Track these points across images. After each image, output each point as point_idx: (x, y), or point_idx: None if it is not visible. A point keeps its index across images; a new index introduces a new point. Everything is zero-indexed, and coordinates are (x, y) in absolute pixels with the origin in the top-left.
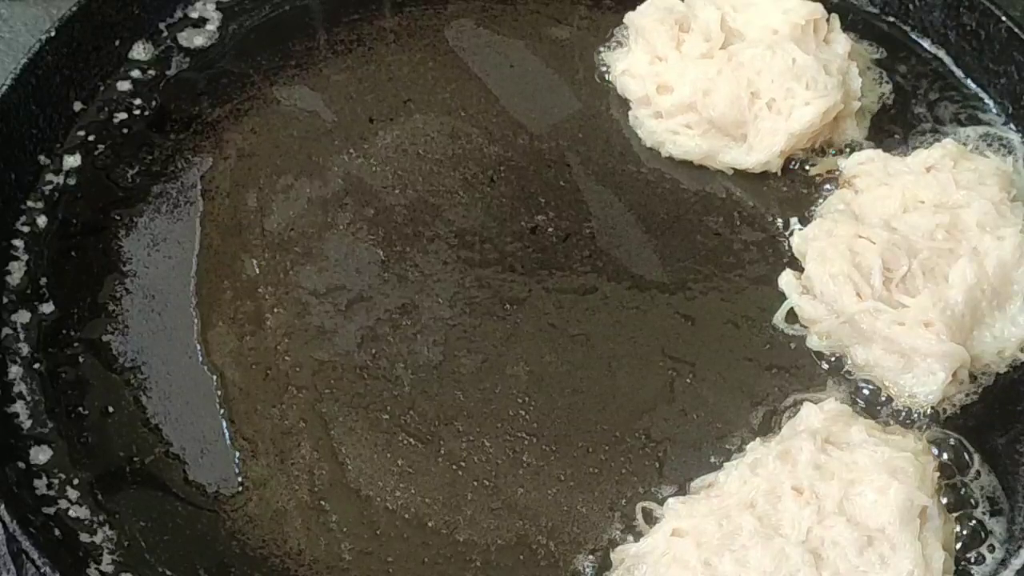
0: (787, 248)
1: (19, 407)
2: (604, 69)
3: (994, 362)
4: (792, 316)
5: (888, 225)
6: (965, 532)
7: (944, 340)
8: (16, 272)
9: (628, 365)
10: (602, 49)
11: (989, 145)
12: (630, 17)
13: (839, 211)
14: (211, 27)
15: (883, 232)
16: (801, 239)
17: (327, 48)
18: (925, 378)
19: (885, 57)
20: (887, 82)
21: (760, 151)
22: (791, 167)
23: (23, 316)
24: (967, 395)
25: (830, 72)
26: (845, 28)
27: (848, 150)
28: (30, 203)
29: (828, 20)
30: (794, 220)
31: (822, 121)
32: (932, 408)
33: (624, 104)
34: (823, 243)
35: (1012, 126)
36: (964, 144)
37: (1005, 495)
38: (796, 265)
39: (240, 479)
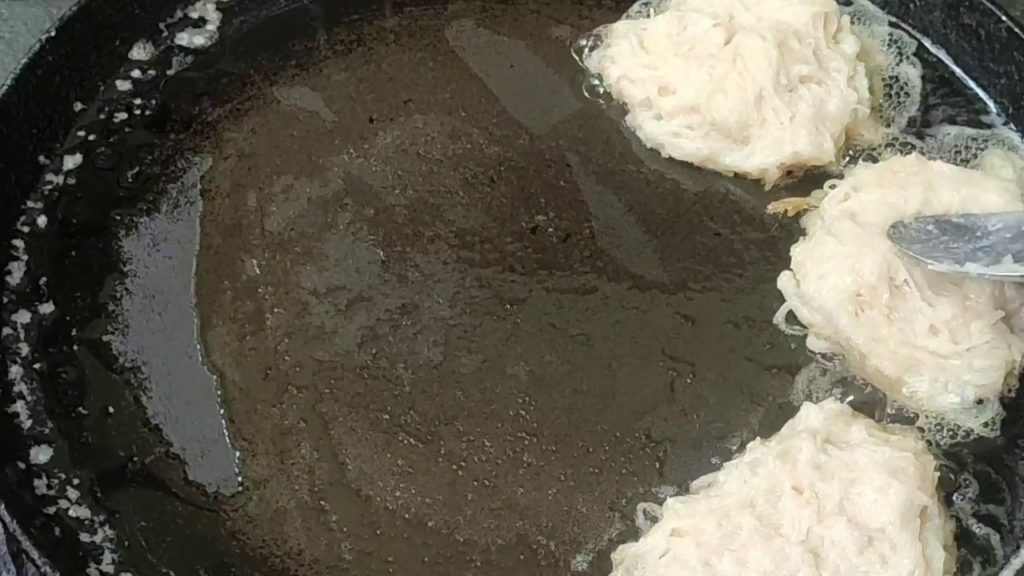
0: (787, 248)
1: (19, 407)
2: (585, 74)
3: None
4: (792, 316)
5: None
6: (965, 531)
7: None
8: (16, 272)
9: (628, 365)
10: (584, 52)
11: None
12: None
13: (835, 215)
14: (211, 27)
15: (884, 237)
16: (798, 254)
17: (327, 48)
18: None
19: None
20: (888, 83)
21: (761, 157)
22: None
23: (23, 316)
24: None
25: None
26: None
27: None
28: (30, 203)
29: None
30: (794, 221)
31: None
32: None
33: (624, 105)
34: (819, 263)
35: (1012, 126)
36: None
37: (1004, 495)
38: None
39: (240, 479)
